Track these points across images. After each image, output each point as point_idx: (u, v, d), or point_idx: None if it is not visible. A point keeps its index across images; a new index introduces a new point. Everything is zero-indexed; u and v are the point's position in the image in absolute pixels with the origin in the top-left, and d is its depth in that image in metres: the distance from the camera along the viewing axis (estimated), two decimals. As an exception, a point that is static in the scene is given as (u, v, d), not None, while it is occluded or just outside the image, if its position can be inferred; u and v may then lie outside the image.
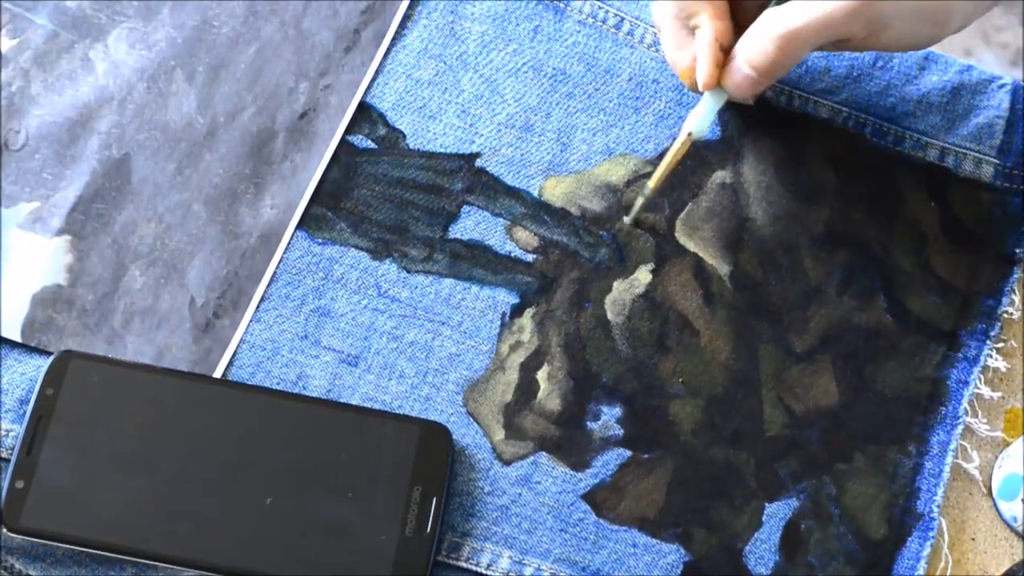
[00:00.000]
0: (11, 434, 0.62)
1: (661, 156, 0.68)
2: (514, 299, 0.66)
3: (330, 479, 0.60)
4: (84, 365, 0.61)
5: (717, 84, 0.62)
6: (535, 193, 0.68)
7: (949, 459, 0.64)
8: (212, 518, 0.59)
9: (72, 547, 0.60)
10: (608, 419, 0.64)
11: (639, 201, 0.66)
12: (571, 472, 0.63)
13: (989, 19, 1.51)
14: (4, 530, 0.59)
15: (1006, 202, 0.69)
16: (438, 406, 0.64)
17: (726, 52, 0.62)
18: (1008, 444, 0.65)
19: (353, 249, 0.66)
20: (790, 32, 0.59)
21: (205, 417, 0.61)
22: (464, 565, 0.62)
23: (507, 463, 0.63)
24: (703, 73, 0.62)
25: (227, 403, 0.62)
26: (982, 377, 0.66)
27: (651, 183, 0.65)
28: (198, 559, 0.59)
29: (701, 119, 0.63)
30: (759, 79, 0.61)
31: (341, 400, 0.64)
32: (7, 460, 0.61)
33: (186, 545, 0.59)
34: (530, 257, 0.66)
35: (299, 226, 0.66)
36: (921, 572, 0.62)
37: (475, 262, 0.66)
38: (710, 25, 0.62)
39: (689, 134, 0.63)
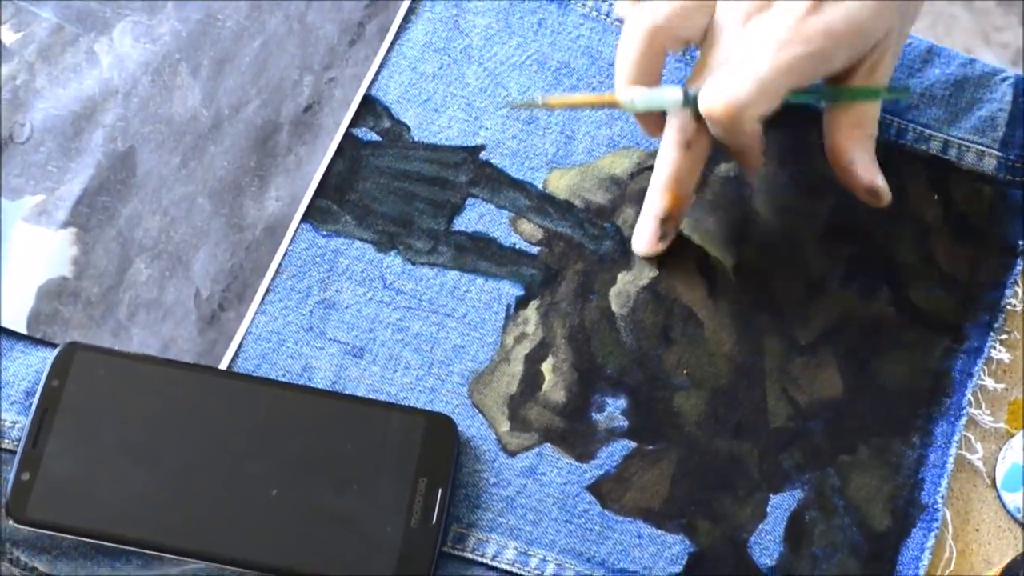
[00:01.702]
0: (17, 426, 0.62)
1: (652, 155, 0.68)
2: (519, 291, 0.66)
3: (335, 470, 0.60)
4: (89, 357, 0.62)
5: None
6: (539, 185, 0.68)
7: (953, 450, 0.64)
8: (217, 509, 0.60)
9: (77, 539, 0.60)
10: (613, 411, 0.64)
11: (534, 100, 0.68)
12: (576, 463, 0.63)
13: (989, 19, 1.51)
14: (10, 522, 0.59)
15: (1009, 194, 0.69)
16: (443, 398, 0.64)
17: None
18: (1012, 435, 0.65)
19: (358, 241, 0.66)
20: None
21: (210, 408, 0.61)
22: (470, 556, 0.62)
23: (512, 454, 0.63)
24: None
25: (233, 394, 0.62)
26: (986, 369, 0.66)
27: (550, 100, 0.66)
28: (203, 550, 0.59)
29: (647, 100, 0.61)
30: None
31: (346, 392, 0.64)
32: (13, 452, 0.61)
33: (191, 536, 0.59)
34: (535, 249, 0.67)
35: (304, 218, 0.66)
36: (925, 563, 0.62)
37: (480, 254, 0.66)
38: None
39: (626, 101, 0.61)
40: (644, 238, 0.65)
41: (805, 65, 0.59)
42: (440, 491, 0.61)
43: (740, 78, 0.58)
